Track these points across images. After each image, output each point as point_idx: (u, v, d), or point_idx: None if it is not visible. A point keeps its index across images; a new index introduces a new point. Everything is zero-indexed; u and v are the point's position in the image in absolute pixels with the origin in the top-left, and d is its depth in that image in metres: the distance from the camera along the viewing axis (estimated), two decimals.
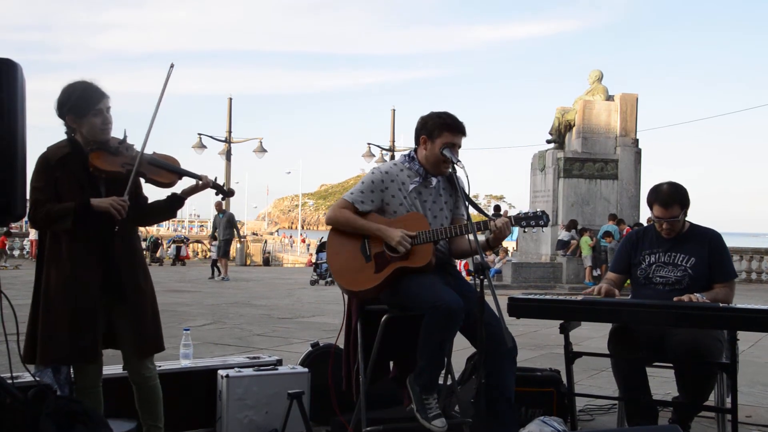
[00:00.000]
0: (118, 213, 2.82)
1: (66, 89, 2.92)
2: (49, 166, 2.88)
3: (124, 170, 2.92)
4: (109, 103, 2.96)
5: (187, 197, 3.16)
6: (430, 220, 3.25)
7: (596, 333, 6.39)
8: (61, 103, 2.92)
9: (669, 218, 3.50)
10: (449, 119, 3.25)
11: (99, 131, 2.93)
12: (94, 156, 2.90)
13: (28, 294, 3.00)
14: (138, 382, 3.06)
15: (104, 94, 2.94)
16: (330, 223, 3.30)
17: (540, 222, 3.12)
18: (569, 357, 3.43)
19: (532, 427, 3.52)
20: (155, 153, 3.09)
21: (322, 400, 3.79)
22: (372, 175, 3.31)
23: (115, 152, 2.96)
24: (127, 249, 3.01)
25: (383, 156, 24.78)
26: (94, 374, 2.99)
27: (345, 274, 3.22)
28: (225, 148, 24.27)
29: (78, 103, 2.89)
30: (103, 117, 2.92)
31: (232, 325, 8.51)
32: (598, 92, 17.05)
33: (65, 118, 2.94)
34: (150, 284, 3.09)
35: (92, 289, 2.88)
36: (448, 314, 2.89)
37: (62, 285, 2.86)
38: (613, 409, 4.20)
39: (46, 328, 2.86)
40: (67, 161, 2.90)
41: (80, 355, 2.88)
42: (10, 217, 2.45)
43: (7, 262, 20.48)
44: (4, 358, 2.98)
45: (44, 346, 2.86)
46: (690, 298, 3.24)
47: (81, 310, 2.86)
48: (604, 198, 16.40)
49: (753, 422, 4.13)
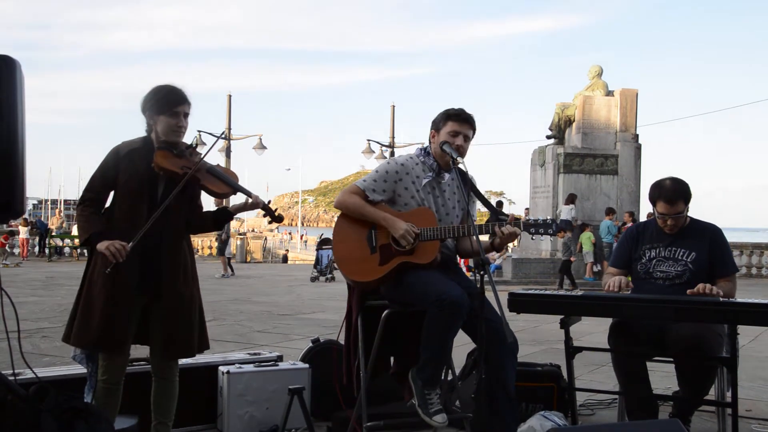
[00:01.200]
0: (112, 256, 2.87)
1: (153, 88, 3.06)
2: (118, 158, 3.01)
3: (182, 172, 3.00)
4: (188, 109, 3.09)
5: (236, 213, 3.24)
6: (441, 217, 3.25)
7: (596, 328, 6.40)
8: (146, 99, 3.06)
9: (674, 214, 3.50)
10: (452, 109, 3.28)
11: (171, 132, 3.04)
12: (158, 153, 3.01)
13: (28, 292, 3.02)
14: (158, 377, 3.14)
15: (186, 100, 3.06)
16: (338, 206, 3.30)
17: (549, 231, 3.09)
18: (569, 352, 3.44)
19: (533, 422, 3.53)
20: (219, 165, 3.21)
21: (322, 395, 3.80)
22: (387, 165, 3.31)
23: (180, 155, 3.06)
24: (172, 252, 3.06)
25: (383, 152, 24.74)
26: (120, 369, 3.05)
27: (348, 263, 3.22)
28: (225, 145, 24.24)
29: (159, 102, 3.03)
30: (178, 119, 3.04)
31: (233, 321, 8.53)
32: (598, 88, 17.05)
33: (145, 114, 3.07)
34: (191, 290, 3.12)
35: (128, 286, 2.96)
36: (452, 308, 2.89)
37: (104, 275, 2.94)
38: (614, 404, 4.20)
39: (84, 313, 2.96)
40: (134, 154, 3.02)
41: (110, 344, 2.96)
42: (10, 215, 2.45)
43: (8, 260, 20.49)
44: (6, 355, 2.98)
45: (78, 329, 2.96)
46: (705, 288, 3.24)
47: (116, 303, 2.94)
48: (604, 193, 16.40)
49: (753, 416, 4.14)
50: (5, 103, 2.28)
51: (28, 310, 8.96)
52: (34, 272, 16.53)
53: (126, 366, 3.10)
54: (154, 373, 3.14)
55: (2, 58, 2.29)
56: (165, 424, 3.14)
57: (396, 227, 3.10)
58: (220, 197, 3.20)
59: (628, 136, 16.62)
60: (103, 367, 3.02)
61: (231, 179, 3.15)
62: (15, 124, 2.31)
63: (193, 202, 3.17)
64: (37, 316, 8.51)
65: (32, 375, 3.04)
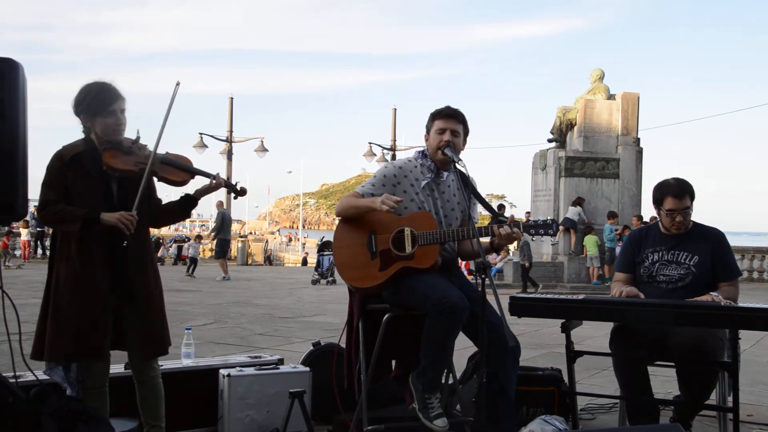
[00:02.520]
0: (126, 228, 2.86)
1: (83, 89, 2.98)
2: (63, 163, 2.93)
3: (137, 169, 2.96)
4: (124, 105, 3.02)
5: (200, 197, 3.20)
6: (441, 220, 3.25)
7: (597, 332, 6.39)
8: (78, 102, 2.98)
9: (683, 209, 3.51)
10: (438, 108, 3.30)
11: (112, 131, 2.98)
12: (108, 155, 2.95)
13: (29, 294, 3.02)
14: (141, 381, 3.09)
15: (119, 96, 3.00)
16: (338, 213, 3.31)
17: (549, 231, 3.09)
18: (570, 356, 3.43)
19: (534, 426, 3.52)
20: (168, 152, 3.14)
21: (323, 399, 3.79)
22: (385, 169, 3.32)
23: (128, 152, 3.01)
24: (138, 250, 3.03)
25: (384, 155, 24.77)
26: (102, 374, 3.01)
27: (349, 269, 3.22)
28: (226, 147, 24.27)
29: (93, 103, 2.95)
30: (116, 118, 2.98)
31: (234, 324, 8.52)
32: (600, 91, 17.04)
33: (80, 117, 3.00)
34: (159, 287, 3.12)
35: (100, 289, 2.92)
36: (452, 312, 2.89)
37: (71, 283, 2.89)
38: (615, 408, 4.20)
39: (54, 325, 2.89)
40: (80, 159, 2.95)
41: (88, 351, 2.91)
42: (11, 217, 2.46)
43: (9, 262, 20.50)
44: (7, 358, 2.98)
45: (52, 343, 2.89)
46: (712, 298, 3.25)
47: (89, 308, 2.89)
48: (606, 197, 16.39)
49: (754, 421, 4.13)
50: (8, 105, 2.29)
51: (29, 312, 8.92)
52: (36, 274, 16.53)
53: (109, 369, 3.05)
54: (137, 377, 3.10)
55: (5, 60, 2.30)
56: (158, 426, 3.11)
57: (374, 202, 3.09)
58: (180, 185, 3.13)
59: (630, 140, 16.61)
60: (85, 376, 2.97)
61: (187, 165, 3.12)
62: (17, 127, 2.32)
63: (151, 196, 3.14)
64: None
65: (33, 377, 3.03)
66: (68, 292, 2.88)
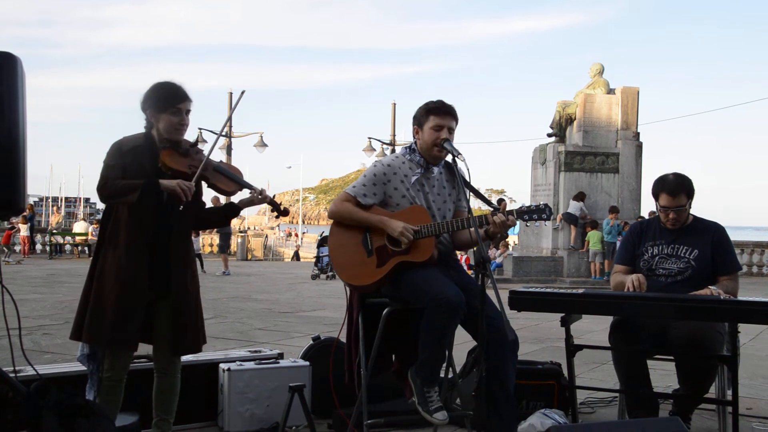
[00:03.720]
0: (183, 194, 2.90)
1: (153, 86, 3.04)
2: (120, 153, 2.98)
3: (190, 171, 3.01)
4: (190, 106, 3.08)
5: (243, 208, 3.25)
6: (434, 213, 3.25)
7: (597, 326, 6.40)
8: (146, 97, 3.04)
9: (676, 207, 3.51)
10: (432, 103, 3.26)
11: (174, 130, 3.04)
12: (164, 153, 3.00)
13: (29, 289, 3.03)
14: (163, 372, 3.14)
15: (188, 97, 3.06)
16: (332, 216, 3.30)
17: (543, 216, 3.10)
18: (570, 350, 3.44)
19: (533, 420, 3.53)
20: (222, 162, 3.24)
21: (323, 393, 3.80)
22: (374, 168, 3.30)
23: (185, 153, 3.07)
24: (180, 249, 3.08)
25: (384, 150, 24.74)
26: (124, 367, 3.05)
27: (347, 268, 3.22)
28: (225, 142, 24.28)
29: (161, 100, 3.01)
30: (181, 117, 3.04)
31: (234, 319, 8.53)
32: (599, 86, 17.01)
33: (146, 112, 3.05)
34: (196, 287, 3.17)
35: (141, 282, 2.96)
36: (448, 308, 2.89)
37: (115, 271, 2.94)
38: (614, 402, 4.20)
39: (95, 309, 2.95)
40: (137, 152, 3.00)
41: (120, 342, 2.96)
42: (12, 212, 2.46)
43: (10, 257, 20.50)
44: (7, 352, 2.99)
45: (90, 325, 2.95)
46: (711, 292, 3.26)
47: (128, 299, 2.94)
48: (605, 192, 16.38)
49: (753, 414, 4.14)
50: (6, 100, 2.29)
51: (29, 307, 8.96)
52: (35, 270, 16.54)
53: (130, 363, 3.10)
54: (158, 369, 3.14)
55: (3, 54, 2.29)
56: (167, 420, 3.15)
57: (392, 227, 3.10)
58: (228, 195, 3.21)
59: (629, 135, 16.59)
60: (108, 364, 3.01)
61: (237, 176, 3.19)
62: (16, 121, 2.32)
63: (198, 199, 3.19)
64: (39, 314, 8.51)
65: (33, 372, 3.04)
66: (111, 281, 2.94)
